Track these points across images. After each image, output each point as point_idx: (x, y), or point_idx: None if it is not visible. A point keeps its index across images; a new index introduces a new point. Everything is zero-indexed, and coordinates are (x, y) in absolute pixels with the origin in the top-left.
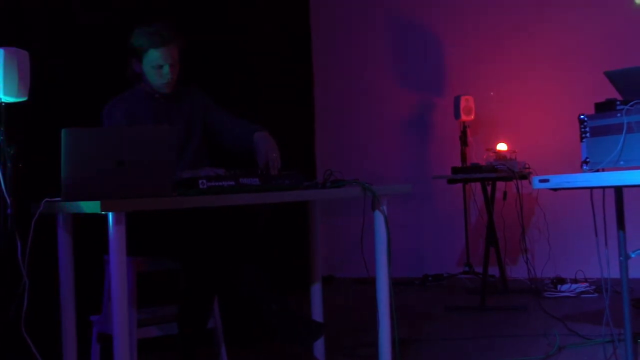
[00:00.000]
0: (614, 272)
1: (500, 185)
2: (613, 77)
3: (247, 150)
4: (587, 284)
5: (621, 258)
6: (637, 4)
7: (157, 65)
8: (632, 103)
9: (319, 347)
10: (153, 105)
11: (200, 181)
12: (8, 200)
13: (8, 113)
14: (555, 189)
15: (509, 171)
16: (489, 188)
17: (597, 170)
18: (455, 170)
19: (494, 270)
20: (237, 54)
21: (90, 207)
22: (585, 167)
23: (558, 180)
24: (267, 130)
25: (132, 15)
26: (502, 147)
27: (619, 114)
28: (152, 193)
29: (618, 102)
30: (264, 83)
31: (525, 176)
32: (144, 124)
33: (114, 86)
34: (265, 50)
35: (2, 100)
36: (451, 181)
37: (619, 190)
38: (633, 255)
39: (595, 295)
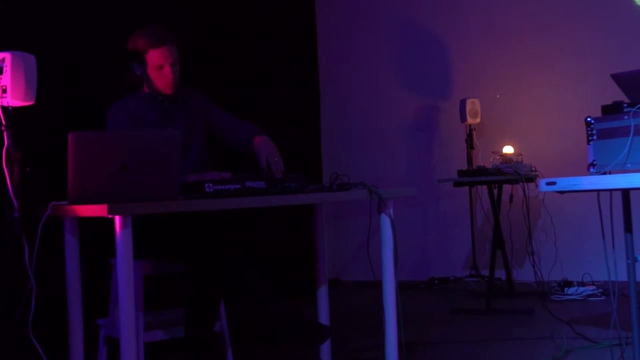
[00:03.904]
0: (622, 275)
1: (506, 188)
2: (620, 79)
3: (248, 153)
4: (594, 287)
5: (628, 261)
6: (637, 4)
7: (157, 65)
8: (639, 106)
9: (325, 350)
10: (156, 108)
11: (206, 184)
12: (15, 204)
13: (15, 117)
14: (562, 192)
15: (516, 174)
16: (495, 191)
17: (604, 173)
18: (461, 173)
19: (500, 273)
20: (243, 57)
21: (97, 210)
22: (592, 170)
23: (565, 183)
24: (266, 133)
25: (136, 19)
26: (508, 150)
27: (626, 117)
28: (158, 196)
29: (625, 105)
30: (269, 86)
31: (531, 179)
32: (149, 128)
33: (120, 89)
34: (271, 53)
35: (9, 104)
36: (457, 184)
37: (626, 193)
38: None
39: (603, 298)
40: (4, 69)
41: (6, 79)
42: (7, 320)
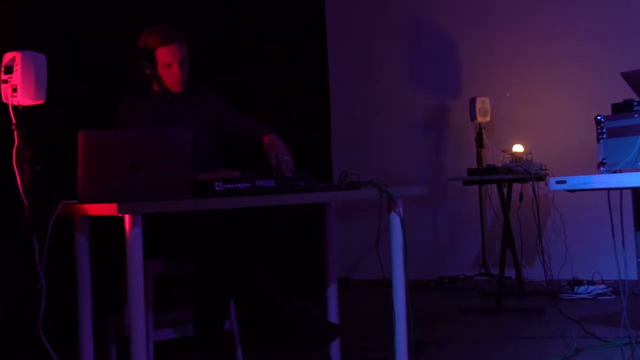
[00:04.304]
0: (632, 274)
1: (516, 186)
2: (630, 77)
3: (258, 151)
4: (604, 286)
5: (639, 259)
6: None
7: (166, 63)
8: None
9: (335, 349)
10: (166, 106)
11: (216, 183)
12: (25, 203)
13: (25, 116)
14: (572, 190)
15: (525, 172)
16: (505, 190)
17: (614, 172)
18: (471, 171)
19: (510, 272)
20: (252, 56)
21: (107, 209)
22: (602, 169)
23: (575, 181)
24: (275, 131)
25: (146, 17)
26: (518, 148)
27: (636, 115)
28: (168, 195)
29: (635, 103)
30: (279, 85)
31: (541, 177)
32: (160, 126)
33: (129, 87)
34: (280, 52)
35: (20, 103)
36: (467, 183)
37: (636, 191)
38: None
39: (613, 297)
40: (14, 68)
41: (16, 78)
42: (18, 319)
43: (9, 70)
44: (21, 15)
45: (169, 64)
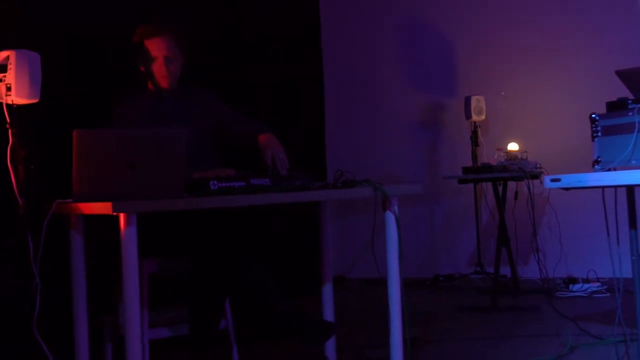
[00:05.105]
0: (626, 272)
1: (511, 185)
2: (624, 75)
3: (253, 150)
4: (599, 284)
5: (633, 257)
6: None
7: (153, 57)
8: None
9: (330, 347)
10: (162, 105)
11: (211, 182)
12: (20, 202)
13: (19, 115)
14: (566, 189)
15: (520, 171)
16: (500, 188)
17: (609, 170)
18: (466, 170)
19: (505, 270)
20: (248, 55)
21: (102, 208)
22: (596, 167)
23: (569, 179)
24: (272, 130)
25: (146, 17)
26: (513, 146)
27: (630, 113)
28: (164, 194)
29: (630, 101)
30: (274, 83)
31: (536, 176)
32: (155, 126)
33: (125, 87)
34: (275, 50)
35: (14, 102)
36: (462, 181)
37: (630, 189)
38: None
39: (608, 294)
40: (9, 67)
41: (11, 76)
42: (12, 318)
43: (3, 69)
44: (21, 15)
45: (155, 58)
